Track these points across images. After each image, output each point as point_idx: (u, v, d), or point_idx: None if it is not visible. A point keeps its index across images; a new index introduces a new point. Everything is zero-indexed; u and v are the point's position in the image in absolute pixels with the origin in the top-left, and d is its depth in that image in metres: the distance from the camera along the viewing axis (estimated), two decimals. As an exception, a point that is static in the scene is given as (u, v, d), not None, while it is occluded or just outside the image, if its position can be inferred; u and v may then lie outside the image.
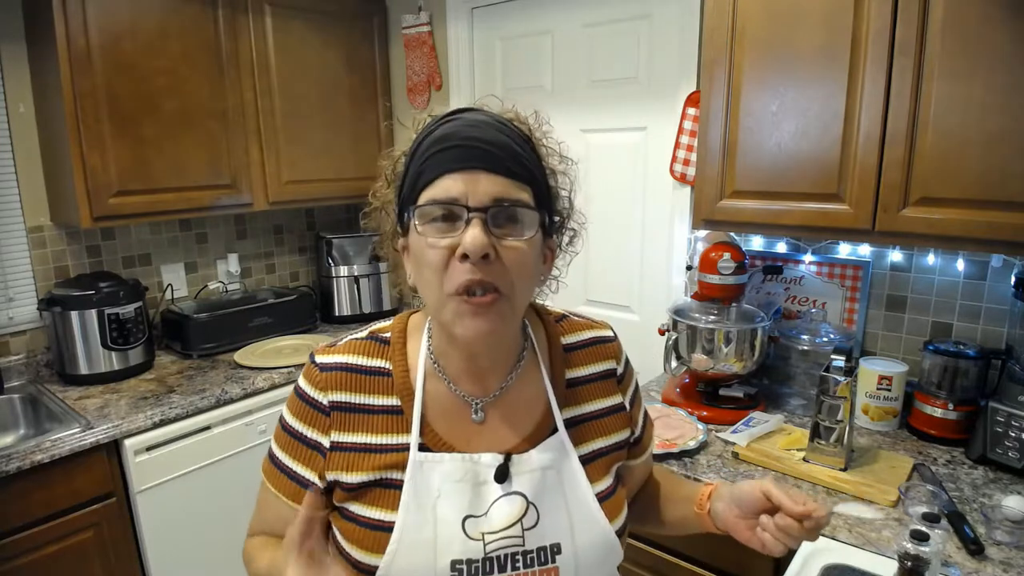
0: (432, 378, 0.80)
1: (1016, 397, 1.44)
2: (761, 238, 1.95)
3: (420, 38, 2.65)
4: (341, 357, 0.81)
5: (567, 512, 0.77)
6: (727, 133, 1.63)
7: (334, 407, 0.78)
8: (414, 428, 0.77)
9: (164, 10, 2.06)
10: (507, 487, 0.76)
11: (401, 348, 0.82)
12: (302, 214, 2.96)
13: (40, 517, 1.65)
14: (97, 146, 1.96)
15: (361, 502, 0.77)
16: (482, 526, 0.74)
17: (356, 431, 0.78)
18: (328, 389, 0.79)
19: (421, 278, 0.73)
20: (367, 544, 0.75)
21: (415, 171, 0.72)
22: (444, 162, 0.69)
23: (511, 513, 0.75)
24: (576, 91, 2.30)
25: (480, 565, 0.73)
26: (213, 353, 2.34)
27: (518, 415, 0.81)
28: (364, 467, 0.76)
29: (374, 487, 0.76)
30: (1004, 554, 1.15)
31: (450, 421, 0.79)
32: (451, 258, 0.68)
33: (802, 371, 1.83)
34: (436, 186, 0.69)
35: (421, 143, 0.73)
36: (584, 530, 0.77)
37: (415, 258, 0.73)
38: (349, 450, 0.78)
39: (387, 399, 0.79)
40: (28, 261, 2.14)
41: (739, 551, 1.38)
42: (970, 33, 1.27)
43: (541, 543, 0.75)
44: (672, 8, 2.01)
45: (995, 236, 1.30)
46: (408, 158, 0.75)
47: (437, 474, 0.76)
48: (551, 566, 0.75)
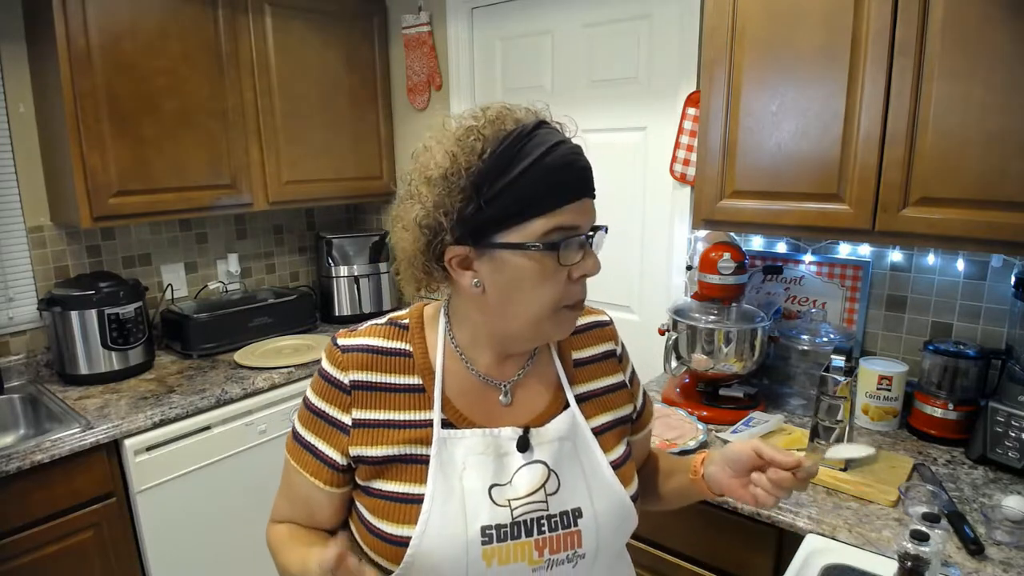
0: (452, 361, 0.85)
1: (1016, 397, 1.44)
2: (761, 238, 1.95)
3: (420, 38, 2.65)
4: (362, 339, 0.85)
5: (585, 479, 0.83)
6: (727, 133, 1.63)
7: (355, 386, 0.83)
8: (436, 405, 0.82)
9: (164, 10, 2.06)
10: (528, 456, 0.82)
11: (420, 333, 0.87)
12: (302, 214, 2.96)
13: (40, 517, 1.65)
14: (97, 146, 1.96)
15: (386, 478, 0.81)
16: (507, 493, 0.79)
17: (378, 408, 0.82)
18: (349, 369, 0.83)
19: (521, 296, 0.77)
20: (398, 517, 0.78)
21: (528, 192, 0.73)
22: (576, 193, 0.75)
23: (534, 480, 0.80)
24: (576, 91, 2.30)
25: (508, 529, 0.78)
26: (213, 353, 2.34)
27: (534, 395, 0.88)
28: (388, 441, 0.81)
29: (398, 462, 0.80)
30: (1004, 554, 1.15)
31: (470, 400, 0.85)
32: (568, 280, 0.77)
33: (802, 371, 1.83)
34: (565, 213, 0.74)
35: (531, 165, 0.73)
36: (602, 495, 0.83)
37: (512, 277, 0.76)
38: (372, 426, 0.81)
39: (409, 378, 0.84)
40: (28, 261, 2.14)
41: (739, 551, 1.38)
42: (970, 33, 1.27)
43: (563, 508, 0.81)
44: (672, 8, 2.01)
45: (995, 236, 1.30)
46: (501, 176, 0.73)
47: (461, 448, 0.80)
48: (574, 529, 0.80)
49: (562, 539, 0.80)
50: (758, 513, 1.33)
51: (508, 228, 0.74)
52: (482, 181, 0.73)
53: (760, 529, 1.33)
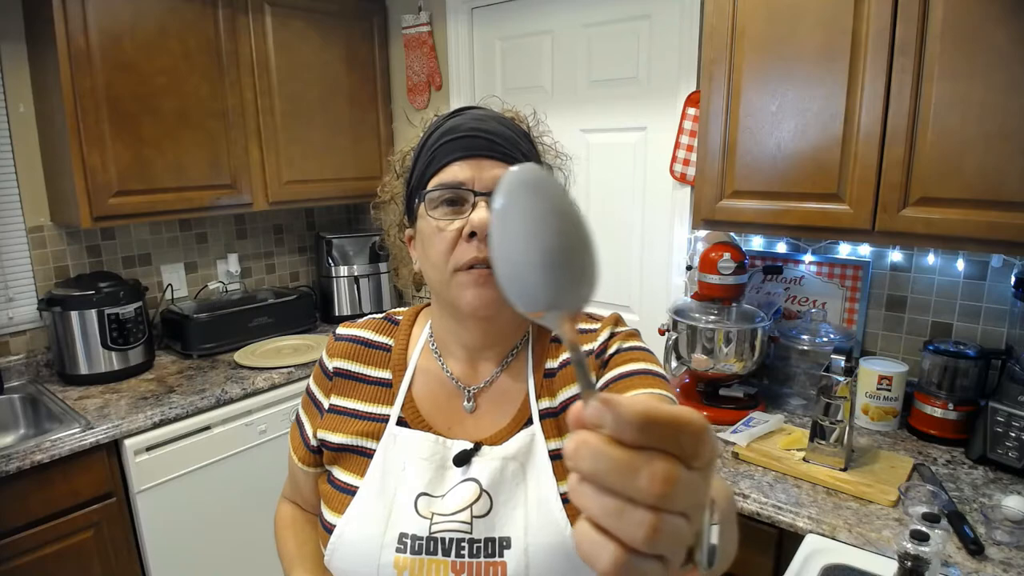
0: (428, 360, 0.85)
1: (1016, 397, 1.44)
2: (761, 238, 1.95)
3: (420, 38, 2.65)
4: (356, 331, 0.90)
5: (525, 508, 0.75)
6: (727, 133, 1.63)
7: (336, 373, 0.87)
8: (397, 402, 0.83)
9: (164, 10, 2.06)
10: (464, 472, 0.77)
11: (407, 329, 0.89)
12: (302, 214, 2.96)
13: (40, 517, 1.65)
14: (97, 146, 1.96)
15: (338, 464, 0.83)
16: (434, 506, 0.75)
17: (350, 397, 0.85)
18: (335, 356, 0.87)
19: (428, 260, 0.77)
20: (333, 504, 0.80)
21: (424, 162, 0.77)
22: (452, 151, 0.75)
23: (462, 498, 0.75)
24: (576, 91, 2.30)
25: (424, 543, 0.74)
26: (213, 353, 2.34)
27: (501, 407, 0.82)
28: (346, 430, 0.83)
29: (350, 452, 0.82)
30: (1004, 554, 1.15)
31: (437, 404, 0.83)
32: (459, 239, 0.73)
33: (802, 371, 1.83)
34: (444, 172, 0.75)
35: (429, 137, 0.78)
36: (540, 529, 0.73)
37: (423, 242, 0.78)
38: (340, 413, 0.85)
39: (381, 372, 0.86)
40: (28, 261, 2.14)
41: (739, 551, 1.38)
42: (970, 33, 1.27)
43: (490, 534, 0.74)
44: (672, 8, 2.01)
45: (995, 236, 1.30)
46: (417, 151, 0.80)
47: (407, 449, 0.79)
48: (498, 560, 0.73)
49: (483, 568, 0.72)
50: (758, 513, 1.33)
51: (420, 202, 0.77)
52: (411, 164, 0.80)
53: (760, 529, 1.34)
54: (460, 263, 0.73)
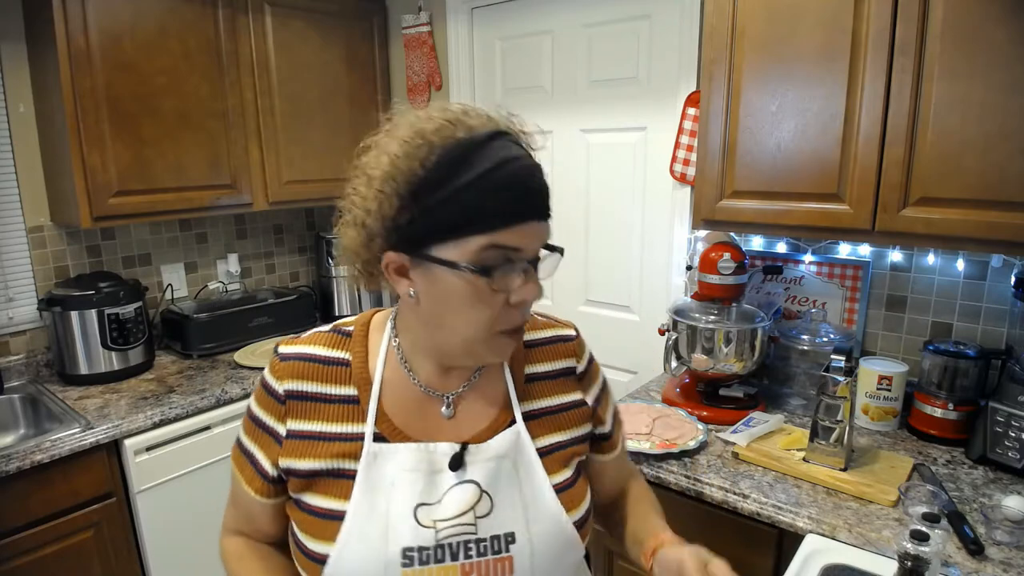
0: (393, 371, 0.82)
1: (1016, 397, 1.44)
2: (761, 238, 1.95)
3: (420, 38, 2.65)
4: (303, 347, 0.83)
5: (522, 502, 0.78)
6: (727, 133, 1.63)
7: (289, 395, 0.80)
8: (369, 418, 0.79)
9: (164, 10, 2.06)
10: (461, 475, 0.77)
11: (363, 341, 0.83)
12: (302, 214, 2.96)
13: (40, 517, 1.65)
14: (97, 146, 1.96)
15: (313, 491, 0.78)
16: (434, 514, 0.75)
17: (311, 419, 0.80)
18: (284, 378, 0.81)
19: (456, 316, 0.72)
20: (318, 533, 0.76)
21: (464, 209, 0.68)
22: (523, 214, 0.69)
23: (464, 500, 0.76)
24: (576, 91, 2.30)
25: (432, 552, 0.74)
26: (213, 353, 2.34)
27: (480, 409, 0.83)
28: (316, 455, 0.78)
29: (326, 476, 0.78)
30: (1004, 554, 1.15)
31: (409, 413, 0.81)
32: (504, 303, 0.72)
33: (802, 371, 1.83)
34: (509, 234, 0.69)
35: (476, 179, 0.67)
36: (539, 520, 0.78)
37: (447, 296, 0.71)
38: (303, 438, 0.79)
39: (344, 389, 0.81)
40: (28, 261, 2.14)
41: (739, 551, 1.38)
42: (970, 32, 1.27)
43: (495, 531, 0.76)
44: (672, 8, 2.01)
45: (995, 236, 1.30)
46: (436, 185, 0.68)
47: (391, 464, 0.77)
48: (505, 555, 0.75)
49: (491, 565, 0.75)
50: (758, 513, 1.33)
51: (444, 242, 0.69)
52: (420, 190, 0.68)
53: (760, 529, 1.33)
54: (508, 327, 0.74)
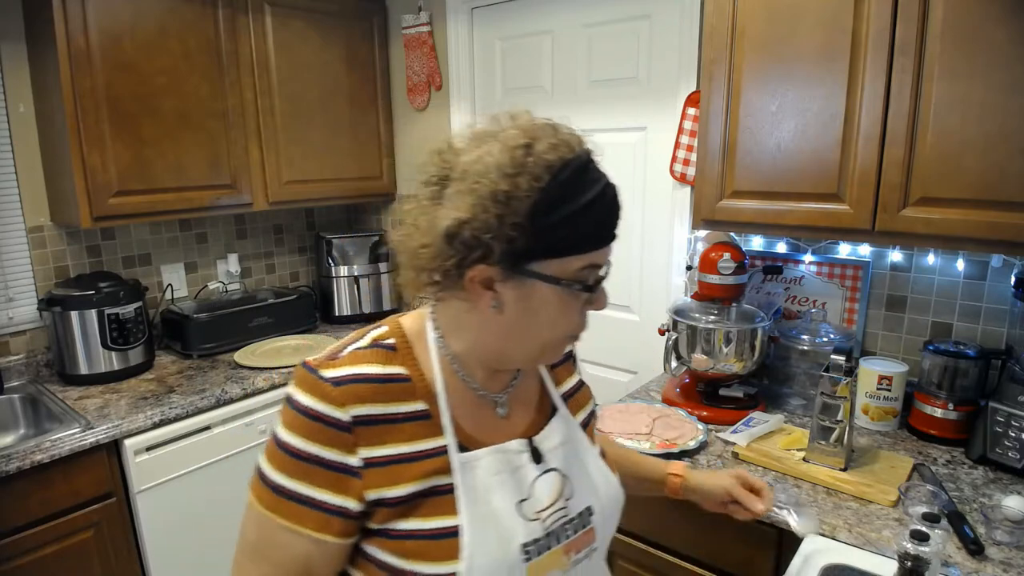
0: (450, 378, 0.80)
1: (1016, 397, 1.44)
2: (761, 238, 1.95)
3: (420, 38, 2.65)
4: (353, 369, 0.75)
5: (588, 477, 0.86)
6: (727, 133, 1.63)
7: (357, 422, 0.72)
8: (447, 430, 0.77)
9: (164, 10, 2.06)
10: (543, 466, 0.82)
11: (410, 352, 0.79)
12: (302, 214, 2.96)
13: (40, 517, 1.65)
14: (97, 146, 1.96)
15: (414, 516, 0.73)
16: (533, 507, 0.79)
17: (385, 443, 0.74)
18: (347, 404, 0.72)
19: (540, 324, 0.76)
20: (437, 554, 0.72)
21: (578, 231, 0.72)
22: (611, 235, 0.76)
23: (553, 489, 0.81)
24: (576, 91, 2.30)
25: (544, 542, 0.78)
26: (213, 353, 2.34)
27: (524, 404, 0.88)
28: (408, 478, 0.73)
29: (425, 497, 0.74)
30: (1004, 554, 1.15)
31: (474, 418, 0.81)
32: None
33: (802, 371, 1.83)
34: (601, 253, 0.76)
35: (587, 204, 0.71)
36: (603, 488, 0.87)
37: (537, 305, 0.74)
38: (386, 463, 0.73)
39: (412, 405, 0.76)
40: (28, 261, 2.14)
41: (739, 551, 1.38)
42: (970, 32, 1.27)
43: (579, 508, 0.83)
44: (672, 8, 2.01)
45: (995, 236, 1.30)
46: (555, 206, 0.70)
47: (480, 470, 0.77)
48: (589, 527, 0.83)
49: (582, 539, 0.82)
50: (758, 513, 1.33)
51: (549, 259, 0.71)
52: (538, 211, 0.69)
53: (760, 529, 1.33)
54: (577, 331, 0.80)
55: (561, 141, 0.73)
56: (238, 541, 0.78)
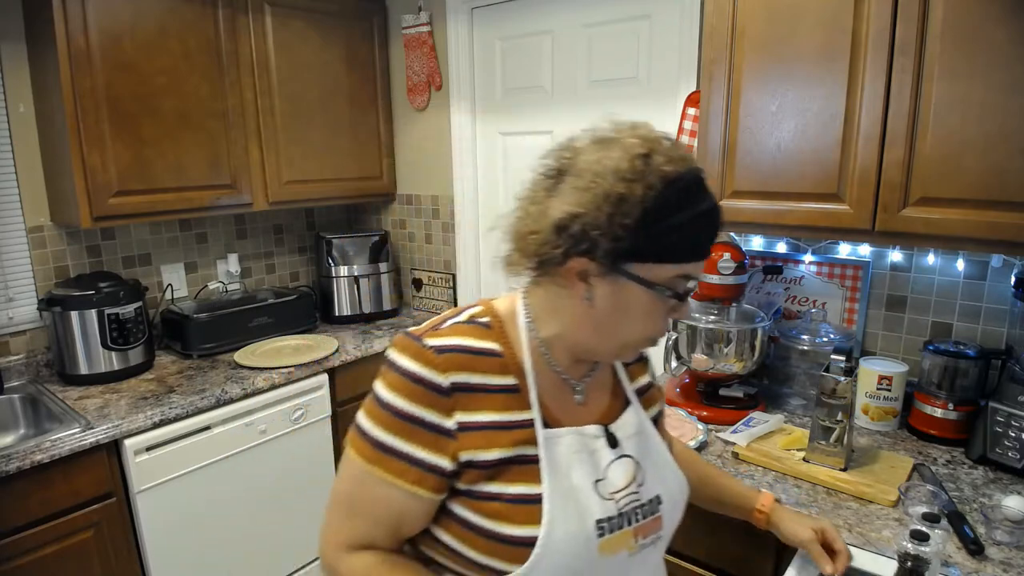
0: (537, 359, 0.86)
1: (1016, 397, 1.44)
2: (761, 238, 1.95)
3: (420, 38, 2.65)
4: (453, 339, 0.82)
5: (658, 468, 0.91)
6: (727, 133, 1.63)
7: (455, 388, 0.79)
8: (534, 406, 0.83)
9: (164, 10, 2.06)
10: (618, 451, 0.87)
11: (503, 332, 0.86)
12: (302, 214, 2.96)
13: (40, 517, 1.65)
14: (97, 146, 1.96)
15: (501, 480, 0.79)
16: (608, 487, 0.84)
17: (479, 410, 0.80)
18: (448, 370, 0.79)
19: (626, 322, 0.80)
20: (520, 518, 0.78)
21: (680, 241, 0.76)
22: (708, 250, 0.80)
23: (627, 473, 0.86)
24: (576, 91, 2.30)
25: (616, 521, 0.83)
26: (213, 353, 2.34)
27: (599, 394, 0.93)
28: (499, 444, 0.80)
29: (512, 463, 0.80)
30: (1004, 554, 1.15)
31: (556, 400, 0.87)
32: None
33: (802, 371, 1.83)
34: (695, 266, 0.79)
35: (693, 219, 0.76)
36: (672, 480, 0.92)
37: (625, 304, 0.79)
38: (479, 428, 0.80)
39: (504, 378, 0.83)
40: (28, 261, 2.14)
41: (739, 551, 1.38)
42: (970, 32, 1.27)
43: (649, 496, 0.87)
44: (672, 8, 2.01)
45: (995, 236, 1.30)
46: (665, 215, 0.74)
47: (561, 447, 0.83)
48: (657, 515, 0.87)
49: (650, 525, 0.86)
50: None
51: (646, 263, 0.76)
52: (648, 217, 0.74)
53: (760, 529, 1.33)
54: (657, 335, 0.84)
55: (677, 156, 0.77)
56: (331, 495, 0.85)
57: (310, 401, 2.25)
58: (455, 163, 2.70)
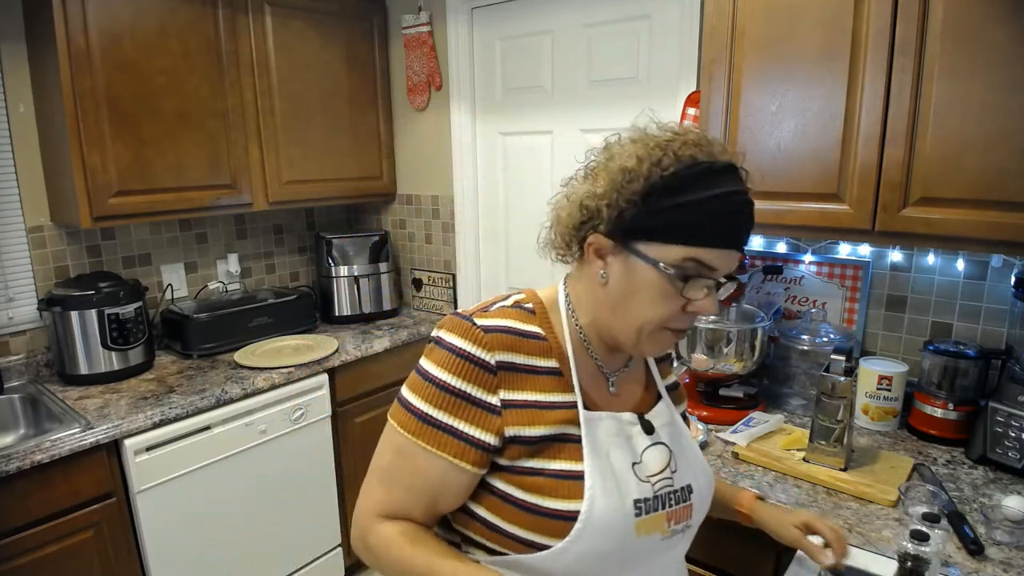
0: (578, 347, 0.90)
1: (1016, 397, 1.44)
2: (761, 238, 1.95)
3: (420, 38, 2.65)
4: (502, 321, 0.85)
5: (689, 459, 0.93)
6: (727, 133, 1.63)
7: (501, 367, 0.82)
8: (576, 388, 0.86)
9: (164, 10, 2.06)
10: (654, 438, 0.90)
11: (546, 318, 0.89)
12: (302, 214, 2.96)
13: (40, 517, 1.65)
14: (97, 146, 1.96)
15: (543, 456, 0.82)
16: (645, 471, 0.87)
17: (523, 389, 0.83)
18: (495, 349, 0.82)
19: (635, 303, 0.82)
20: (563, 492, 0.81)
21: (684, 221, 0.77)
22: (727, 241, 0.80)
23: (662, 459, 0.89)
24: (576, 91, 2.30)
25: (652, 503, 0.85)
26: (213, 353, 2.33)
27: (631, 386, 0.96)
28: (543, 422, 0.83)
29: (555, 441, 0.83)
30: (1004, 554, 1.15)
31: (593, 386, 0.90)
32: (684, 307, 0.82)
33: (802, 371, 1.83)
34: (710, 254, 0.78)
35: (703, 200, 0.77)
36: (701, 472, 0.94)
37: (635, 287, 0.81)
38: (523, 407, 0.83)
39: (547, 361, 0.86)
40: (28, 261, 2.14)
41: (739, 551, 1.38)
42: (970, 33, 1.27)
43: (681, 483, 0.90)
44: (672, 8, 2.01)
45: (995, 236, 1.30)
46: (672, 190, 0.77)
47: (601, 429, 0.86)
48: (688, 503, 0.90)
49: (682, 511, 0.89)
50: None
51: (654, 242, 0.79)
52: (653, 193, 0.77)
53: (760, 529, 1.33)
54: (675, 327, 0.84)
55: (704, 146, 0.80)
56: (371, 467, 0.87)
57: (310, 401, 2.25)
58: (455, 163, 2.70)
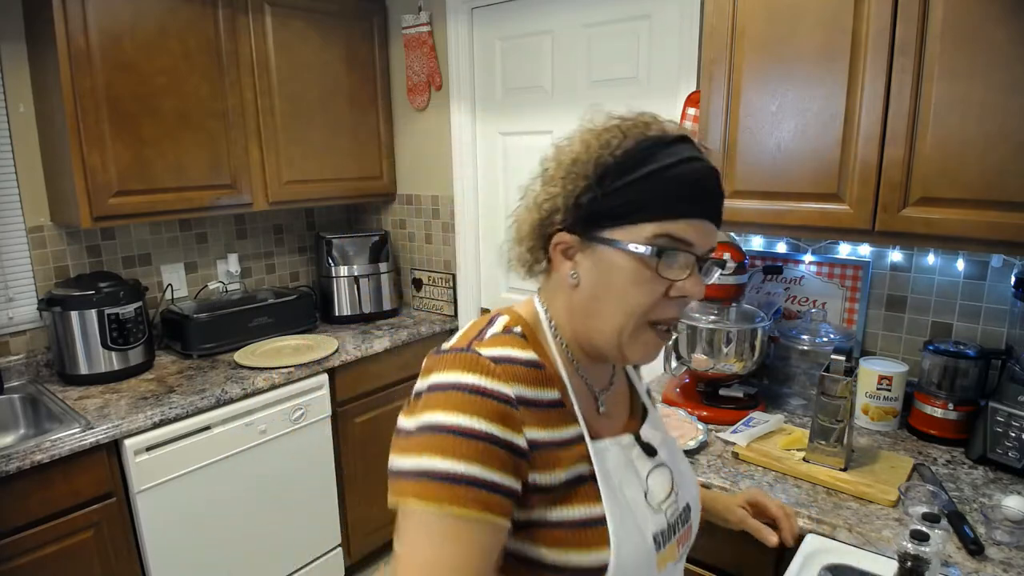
0: (569, 369, 0.80)
1: (1016, 397, 1.44)
2: (761, 238, 1.95)
3: (420, 38, 2.65)
4: (503, 350, 0.73)
5: (683, 471, 0.88)
6: (727, 133, 1.63)
7: (520, 401, 0.70)
8: (580, 419, 0.76)
9: (164, 10, 2.06)
10: (656, 460, 0.83)
11: (536, 341, 0.78)
12: (302, 214, 2.96)
13: (40, 517, 1.65)
14: (97, 146, 1.96)
15: (564, 503, 0.71)
16: (655, 499, 0.80)
17: (538, 426, 0.71)
18: (512, 382, 0.70)
19: (612, 298, 0.74)
20: (587, 542, 0.71)
21: (644, 196, 0.71)
22: (697, 210, 0.73)
23: (665, 483, 0.83)
24: (576, 91, 2.30)
25: (667, 532, 0.80)
26: (213, 353, 2.33)
27: (617, 403, 0.88)
28: (561, 464, 0.72)
29: (571, 485, 0.72)
30: (1004, 554, 1.15)
31: (588, 411, 0.81)
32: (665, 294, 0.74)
33: (802, 371, 1.83)
34: (680, 226, 0.72)
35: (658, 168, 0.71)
36: (692, 485, 0.89)
37: (608, 276, 0.74)
38: (543, 447, 0.71)
39: (550, 392, 0.74)
40: (28, 261, 2.14)
41: (739, 551, 1.38)
42: (970, 33, 1.27)
43: (683, 504, 0.84)
44: (672, 8, 2.01)
45: (995, 236, 1.30)
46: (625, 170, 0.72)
47: (609, 460, 0.77)
48: (688, 524, 0.85)
49: (686, 533, 0.84)
50: (758, 513, 1.33)
51: (619, 226, 0.72)
52: (606, 173, 0.72)
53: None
54: (660, 318, 0.75)
55: (653, 124, 0.76)
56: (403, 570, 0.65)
57: (310, 401, 2.25)
58: (455, 163, 2.70)
